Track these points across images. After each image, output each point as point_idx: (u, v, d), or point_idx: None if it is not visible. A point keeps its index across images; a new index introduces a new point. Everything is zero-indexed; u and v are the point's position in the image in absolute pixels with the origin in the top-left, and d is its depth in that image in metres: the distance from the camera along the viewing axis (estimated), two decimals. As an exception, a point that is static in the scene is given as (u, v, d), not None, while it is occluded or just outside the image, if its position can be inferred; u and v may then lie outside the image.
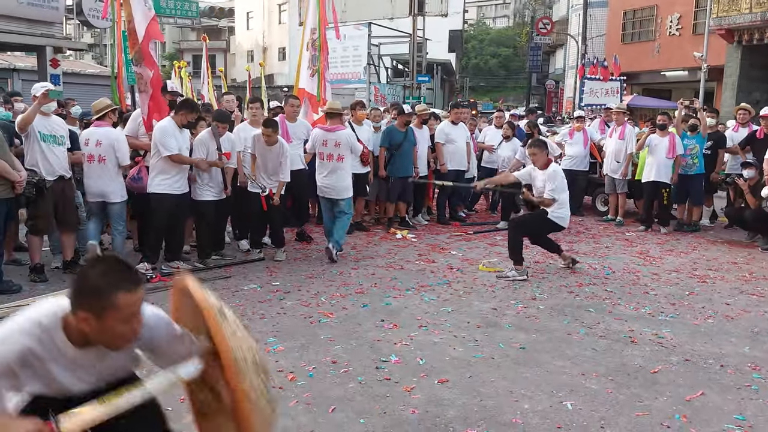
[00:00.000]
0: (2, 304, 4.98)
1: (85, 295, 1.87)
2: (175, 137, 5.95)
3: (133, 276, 1.92)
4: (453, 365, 4.03)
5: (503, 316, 5.04)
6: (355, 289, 5.74)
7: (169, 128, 5.97)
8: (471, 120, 10.29)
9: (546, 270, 6.58)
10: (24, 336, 1.92)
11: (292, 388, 3.63)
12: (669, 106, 18.28)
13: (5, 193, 5.32)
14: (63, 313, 1.96)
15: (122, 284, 1.86)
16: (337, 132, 6.97)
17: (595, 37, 26.95)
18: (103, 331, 1.89)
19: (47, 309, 1.99)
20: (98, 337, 1.92)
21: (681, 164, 8.68)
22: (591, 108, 12.96)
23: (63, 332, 1.95)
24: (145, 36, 6.43)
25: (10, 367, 1.90)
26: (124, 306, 1.86)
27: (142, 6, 6.49)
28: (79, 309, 1.88)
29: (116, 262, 1.93)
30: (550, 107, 35.49)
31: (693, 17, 22.13)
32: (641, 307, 5.37)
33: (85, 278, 1.89)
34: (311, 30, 8.63)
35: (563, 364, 4.09)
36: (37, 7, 12.97)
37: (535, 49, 36.74)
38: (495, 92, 59.02)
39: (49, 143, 5.74)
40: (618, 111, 9.67)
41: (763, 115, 8.70)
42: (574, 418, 3.36)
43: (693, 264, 6.97)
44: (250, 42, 42.65)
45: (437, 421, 3.30)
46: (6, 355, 1.89)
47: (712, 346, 4.46)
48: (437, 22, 26.07)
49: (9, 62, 18.79)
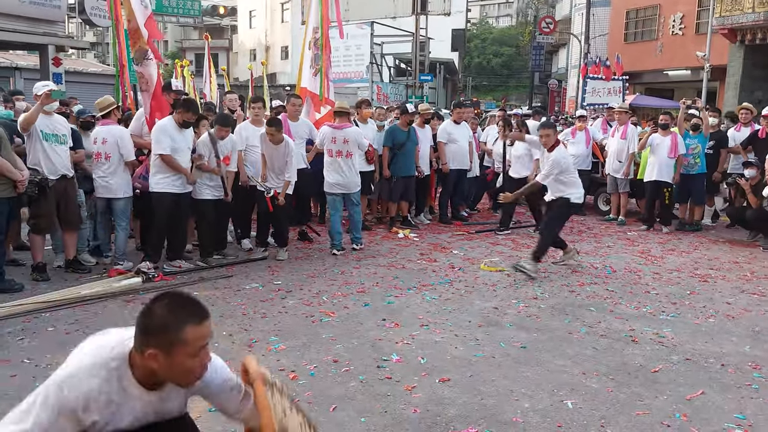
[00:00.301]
0: (4, 303, 5.00)
1: (153, 331, 1.82)
2: (170, 136, 5.94)
3: (200, 309, 1.88)
4: (454, 364, 4.04)
5: (504, 315, 5.05)
6: (357, 288, 5.75)
7: (166, 126, 5.98)
8: (473, 119, 10.29)
9: (547, 269, 6.58)
10: (91, 378, 1.84)
11: (294, 387, 3.64)
12: (671, 105, 18.24)
13: (7, 192, 5.34)
14: (129, 351, 1.89)
15: (190, 318, 1.83)
16: (345, 129, 7.14)
17: (597, 36, 26.90)
18: (172, 368, 1.84)
19: (114, 347, 1.90)
20: (167, 375, 1.87)
21: (683, 164, 8.68)
22: (593, 108, 12.93)
23: (131, 371, 1.89)
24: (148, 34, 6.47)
25: (74, 412, 1.81)
26: (193, 340, 1.82)
27: (139, 4, 6.51)
28: (147, 346, 1.82)
29: (182, 297, 1.90)
30: (552, 107, 35.41)
31: (696, 17, 22.09)
32: (642, 306, 5.37)
33: (152, 314, 1.83)
34: (313, 29, 8.63)
35: (564, 363, 4.10)
36: (39, 6, 12.98)
37: (538, 49, 36.64)
38: (497, 91, 58.93)
39: (51, 142, 5.75)
40: (620, 110, 9.67)
41: (765, 115, 8.70)
42: (575, 416, 3.37)
43: (694, 263, 6.97)
44: (253, 41, 42.66)
45: (438, 419, 3.30)
46: (71, 400, 1.80)
47: (712, 346, 4.47)
48: (440, 21, 26.06)
49: (11, 61, 18.81)
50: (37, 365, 3.89)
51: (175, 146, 5.99)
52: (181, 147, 6.05)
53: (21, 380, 3.67)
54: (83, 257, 6.37)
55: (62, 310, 4.93)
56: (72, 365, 1.88)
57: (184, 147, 6.08)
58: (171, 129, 5.99)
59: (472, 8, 50.34)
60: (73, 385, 1.81)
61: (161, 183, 6.00)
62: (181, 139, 6.06)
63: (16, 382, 3.64)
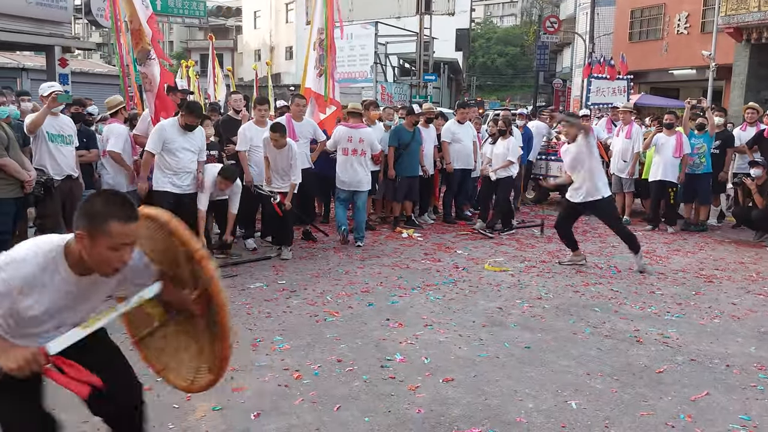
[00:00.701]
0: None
1: (86, 215, 2.07)
2: (167, 138, 5.93)
3: (131, 212, 2.10)
4: (458, 364, 4.04)
5: (509, 316, 5.05)
6: (361, 288, 5.76)
7: (164, 127, 6.01)
8: (477, 119, 10.28)
9: (552, 269, 6.57)
10: (29, 263, 2.08)
11: (298, 387, 3.65)
12: (677, 105, 18.19)
13: (15, 192, 5.37)
14: (65, 243, 2.16)
15: (118, 215, 2.06)
16: (361, 129, 7.49)
17: (602, 35, 26.85)
18: (93, 254, 2.08)
19: (51, 239, 2.18)
20: (90, 259, 2.10)
21: (688, 163, 8.66)
22: (598, 107, 12.91)
23: (65, 260, 2.14)
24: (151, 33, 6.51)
25: (11, 292, 2.06)
26: (116, 234, 2.06)
27: (141, 4, 6.53)
28: (78, 228, 2.07)
29: (120, 197, 2.13)
30: (557, 106, 35.33)
31: (701, 15, 22.02)
32: (647, 306, 5.36)
33: (91, 202, 2.10)
34: (318, 30, 8.64)
35: (568, 363, 4.09)
36: (45, 7, 13.03)
37: (543, 48, 36.54)
38: (502, 91, 58.89)
39: (57, 143, 5.79)
40: (625, 110, 9.64)
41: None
42: (579, 417, 3.36)
43: (700, 264, 6.95)
44: (258, 41, 42.71)
45: (442, 419, 3.31)
46: (10, 280, 2.05)
47: (718, 346, 4.46)
48: (444, 20, 26.05)
49: (18, 62, 18.88)
50: (43, 365, 3.90)
51: (172, 147, 5.97)
52: (182, 148, 6.02)
53: (27, 379, 3.69)
54: None
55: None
56: (13, 253, 2.11)
57: (187, 148, 6.07)
58: (170, 130, 6.00)
59: (476, 8, 50.28)
60: (14, 266, 2.07)
61: (160, 181, 6.05)
62: (184, 140, 6.05)
63: (22, 382, 3.65)
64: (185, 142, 6.06)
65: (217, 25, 42.42)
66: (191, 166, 6.14)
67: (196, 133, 6.18)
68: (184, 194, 6.13)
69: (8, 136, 5.31)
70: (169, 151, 5.99)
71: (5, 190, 5.29)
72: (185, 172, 6.12)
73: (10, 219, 5.45)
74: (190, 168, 6.15)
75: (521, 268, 6.59)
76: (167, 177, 6.05)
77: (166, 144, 5.97)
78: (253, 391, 3.60)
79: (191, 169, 6.16)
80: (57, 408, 3.34)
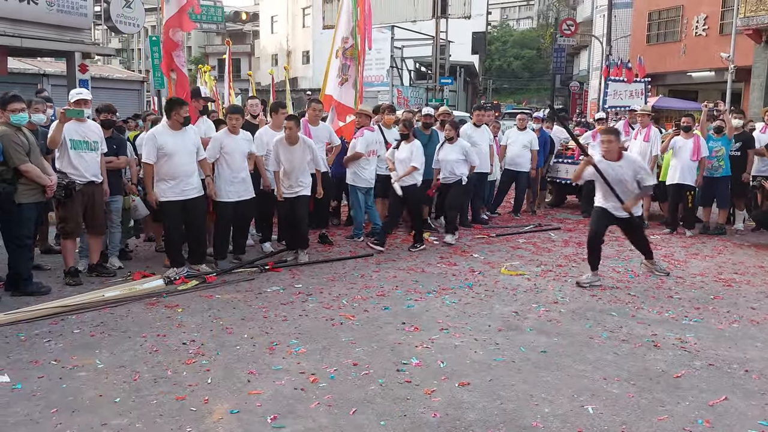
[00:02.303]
0: (32, 306, 5.11)
1: None
2: (158, 144, 5.80)
3: None
4: (474, 368, 4.04)
5: (525, 320, 5.03)
6: (377, 291, 5.77)
7: (154, 134, 5.88)
8: (494, 122, 10.27)
9: (569, 273, 6.54)
10: None
11: (314, 390, 3.67)
12: (695, 107, 18.01)
13: (37, 196, 5.47)
14: None
15: None
16: (377, 131, 8.27)
17: (619, 38, 26.66)
18: None
19: None
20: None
21: (706, 166, 8.57)
22: (615, 110, 12.83)
23: None
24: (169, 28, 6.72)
25: None
26: None
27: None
28: None
29: None
30: (574, 109, 35.18)
31: (720, 17, 21.78)
32: (665, 311, 5.32)
33: None
34: (343, 39, 8.60)
35: (584, 368, 4.07)
36: (66, 14, 13.22)
37: (559, 51, 36.41)
38: (518, 94, 58.71)
39: (81, 149, 5.83)
40: (643, 113, 9.57)
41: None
42: (595, 422, 3.35)
43: (718, 267, 6.88)
44: (275, 46, 43.01)
45: (457, 424, 3.31)
46: None
47: (736, 351, 4.41)
48: (460, 24, 26.02)
49: (39, 67, 19.19)
50: (64, 366, 3.97)
51: (168, 151, 5.85)
52: (178, 150, 5.88)
53: (48, 381, 3.75)
54: (112, 261, 6.49)
55: (88, 313, 5.03)
56: None
57: (181, 149, 5.90)
58: (161, 136, 5.86)
59: (492, 11, 50.18)
60: None
61: (164, 192, 5.94)
62: (177, 142, 5.89)
63: (44, 384, 3.72)
64: (179, 143, 5.90)
65: (234, 30, 42.81)
66: (191, 167, 6.02)
67: (188, 131, 6.05)
68: (187, 200, 5.99)
69: (29, 141, 5.42)
70: (165, 156, 5.85)
71: (27, 195, 5.39)
72: (185, 176, 5.97)
73: (33, 223, 5.56)
74: (190, 170, 6.02)
75: (538, 272, 6.57)
76: (168, 186, 5.92)
77: (160, 150, 5.83)
78: (270, 394, 3.62)
79: (191, 171, 6.04)
80: (79, 409, 3.40)
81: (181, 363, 4.06)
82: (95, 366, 4.00)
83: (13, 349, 4.26)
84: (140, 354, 4.21)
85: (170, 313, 5.08)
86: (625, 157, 6.02)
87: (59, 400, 3.51)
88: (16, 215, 5.36)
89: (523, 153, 9.90)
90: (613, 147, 5.93)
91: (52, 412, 3.36)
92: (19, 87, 12.66)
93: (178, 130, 5.95)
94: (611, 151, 5.92)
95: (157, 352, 4.24)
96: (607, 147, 5.92)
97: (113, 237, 6.53)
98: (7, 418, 3.30)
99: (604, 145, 5.93)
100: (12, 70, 15.47)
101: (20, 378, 3.78)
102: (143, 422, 3.27)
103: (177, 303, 5.33)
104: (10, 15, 12.07)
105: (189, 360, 4.10)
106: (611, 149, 5.92)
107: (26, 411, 3.38)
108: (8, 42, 12.26)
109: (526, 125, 10.12)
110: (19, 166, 5.26)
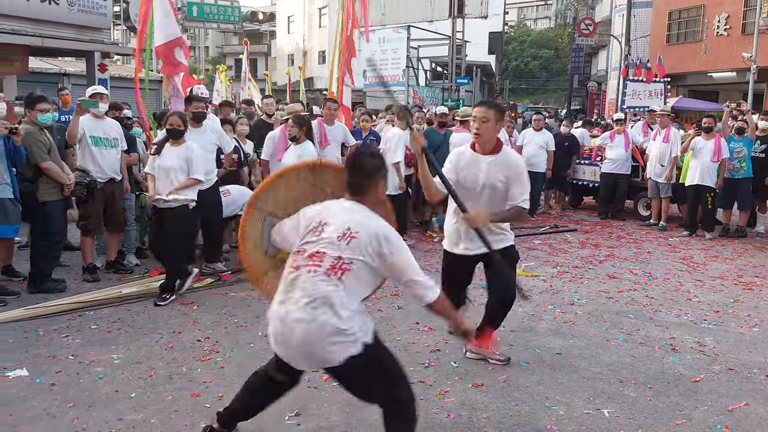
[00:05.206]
0: (51, 301, 5.17)
1: None
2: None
3: None
4: (487, 369, 4.01)
5: (540, 321, 4.99)
6: (390, 291, 5.75)
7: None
8: (510, 122, 10.21)
9: (585, 275, 6.48)
10: None
11: (326, 389, 3.67)
12: (716, 108, 17.78)
13: (58, 194, 5.54)
14: None
15: None
16: None
17: (639, 38, 26.37)
18: None
19: None
20: None
21: (728, 168, 8.44)
22: (633, 111, 12.70)
23: None
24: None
25: None
26: None
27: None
28: None
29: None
30: (592, 110, 34.89)
31: (742, 17, 21.48)
32: (683, 314, 5.25)
33: None
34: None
35: (601, 370, 4.03)
36: (86, 14, 13.38)
37: (577, 51, 36.16)
38: (536, 94, 58.38)
39: (101, 146, 5.88)
40: (662, 113, 9.46)
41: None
42: (611, 426, 3.31)
43: (738, 270, 6.77)
44: (291, 46, 43.15)
45: (471, 425, 3.29)
46: None
47: (756, 355, 4.34)
48: (477, 23, 25.95)
49: (60, 67, 19.46)
50: (81, 362, 4.01)
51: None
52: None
53: (65, 376, 3.79)
54: (129, 258, 6.54)
55: (105, 309, 5.07)
56: None
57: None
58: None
59: (509, 10, 49.95)
60: None
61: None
62: (195, 138, 5.75)
63: (62, 378, 3.76)
64: (196, 140, 5.75)
65: (251, 30, 43.02)
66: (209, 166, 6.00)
67: (207, 129, 6.02)
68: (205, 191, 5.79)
69: (50, 140, 5.48)
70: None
71: (51, 193, 5.47)
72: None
73: (59, 220, 5.62)
74: (209, 169, 5.99)
75: (554, 274, 6.51)
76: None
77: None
78: (284, 392, 3.62)
79: (211, 170, 6.03)
80: (95, 404, 3.43)
81: (195, 360, 4.08)
82: (112, 361, 4.03)
83: (32, 343, 4.32)
84: (156, 350, 4.24)
85: (185, 310, 5.11)
86: (505, 153, 3.93)
87: (76, 394, 3.55)
88: (41, 213, 5.43)
89: (539, 153, 9.84)
90: (488, 130, 3.78)
91: (69, 407, 3.40)
92: (40, 86, 12.85)
93: (195, 127, 5.96)
94: (483, 135, 3.78)
95: (173, 349, 4.27)
96: (479, 129, 3.76)
97: (128, 234, 6.58)
98: (24, 412, 3.34)
99: (476, 123, 3.78)
100: (33, 69, 15.68)
101: (38, 372, 3.83)
102: (158, 418, 3.29)
103: (192, 300, 5.36)
104: (33, 15, 12.24)
105: (204, 357, 4.13)
106: (484, 133, 3.78)
107: (44, 405, 3.42)
108: (30, 41, 12.42)
109: (542, 126, 10.06)
110: (41, 163, 5.33)
